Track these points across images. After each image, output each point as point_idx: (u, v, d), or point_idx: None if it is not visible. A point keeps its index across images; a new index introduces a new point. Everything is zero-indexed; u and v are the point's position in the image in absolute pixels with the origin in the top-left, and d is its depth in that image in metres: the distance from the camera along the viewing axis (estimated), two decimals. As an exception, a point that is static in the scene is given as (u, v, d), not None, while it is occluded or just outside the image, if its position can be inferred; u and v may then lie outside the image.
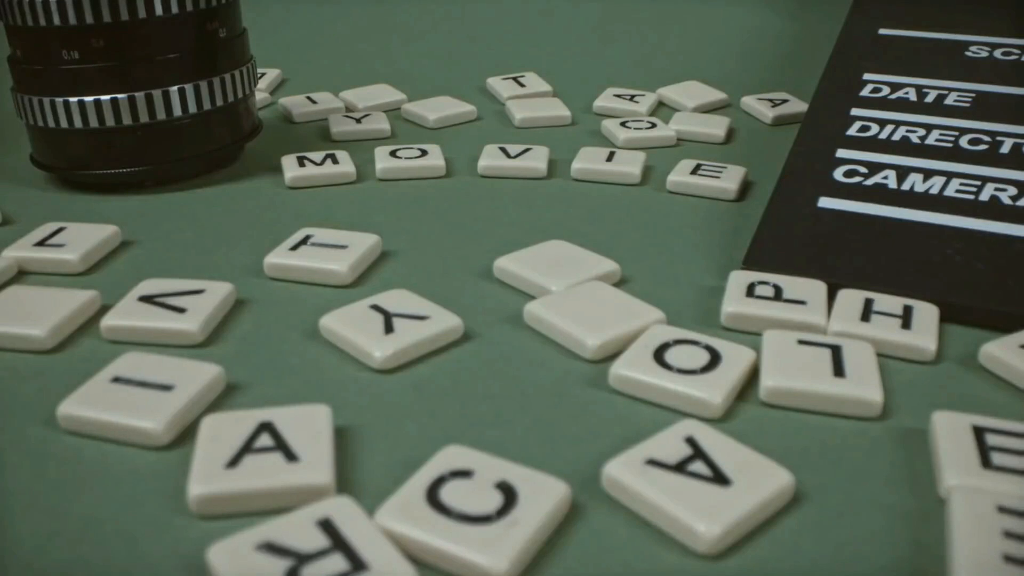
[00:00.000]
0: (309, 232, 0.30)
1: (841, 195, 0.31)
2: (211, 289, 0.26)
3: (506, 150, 0.38)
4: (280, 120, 0.44)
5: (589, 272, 0.27)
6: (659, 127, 0.41)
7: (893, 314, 0.25)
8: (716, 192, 0.35)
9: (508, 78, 0.48)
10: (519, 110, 0.44)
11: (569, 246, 0.29)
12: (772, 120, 0.44)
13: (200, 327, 0.25)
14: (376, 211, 0.34)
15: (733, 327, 0.26)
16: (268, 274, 0.28)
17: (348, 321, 0.24)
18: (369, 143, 0.41)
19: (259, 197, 0.35)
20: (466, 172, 0.38)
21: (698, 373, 0.22)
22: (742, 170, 0.36)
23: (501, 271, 0.28)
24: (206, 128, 0.36)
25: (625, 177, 0.36)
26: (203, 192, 0.36)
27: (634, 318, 0.25)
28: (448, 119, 0.44)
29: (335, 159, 0.37)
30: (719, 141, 0.41)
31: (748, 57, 0.53)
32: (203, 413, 0.22)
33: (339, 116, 0.43)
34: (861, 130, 0.34)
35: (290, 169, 0.36)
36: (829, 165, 0.32)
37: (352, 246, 0.29)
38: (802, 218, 0.30)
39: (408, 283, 0.28)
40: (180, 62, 0.35)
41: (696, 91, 0.46)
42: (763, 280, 0.27)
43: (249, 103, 0.38)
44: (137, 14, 0.33)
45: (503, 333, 0.25)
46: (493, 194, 0.35)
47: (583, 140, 0.41)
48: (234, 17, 0.37)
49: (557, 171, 0.38)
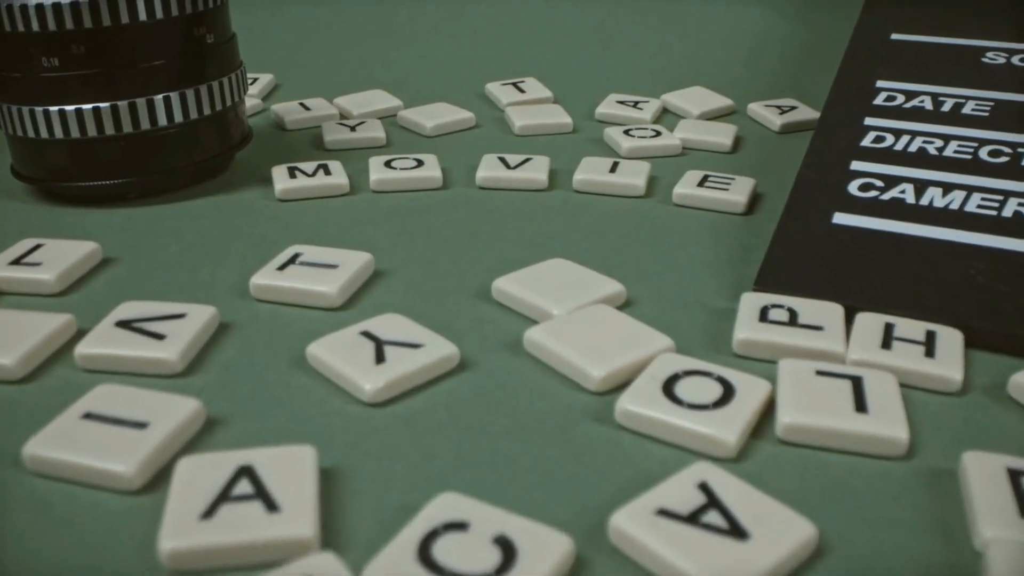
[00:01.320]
0: (298, 250, 0.28)
1: (857, 210, 0.29)
2: (193, 313, 0.25)
3: (505, 160, 0.37)
4: (272, 127, 0.43)
5: (592, 294, 0.26)
6: (664, 135, 0.40)
7: (915, 340, 0.24)
8: (724, 205, 0.34)
9: (507, 83, 0.47)
10: (519, 117, 0.42)
11: (571, 265, 0.28)
12: (780, 128, 0.42)
13: (179, 356, 0.23)
14: (369, 225, 0.32)
15: (746, 354, 0.24)
16: (254, 295, 0.27)
17: (336, 349, 0.23)
18: (364, 152, 0.40)
19: (248, 210, 0.34)
20: (463, 183, 0.36)
21: (710, 408, 0.21)
22: (751, 182, 0.35)
23: (500, 292, 0.27)
24: (193, 138, 0.35)
25: (629, 189, 0.35)
26: (190, 205, 0.34)
27: (641, 346, 0.23)
28: (445, 127, 0.42)
29: (327, 170, 0.36)
30: (726, 150, 0.40)
31: (754, 61, 0.52)
32: (180, 452, 0.20)
33: (333, 124, 0.41)
34: (876, 141, 0.33)
35: (280, 181, 0.35)
36: (843, 178, 0.31)
37: (343, 266, 0.27)
38: (816, 235, 0.29)
39: (401, 305, 0.27)
40: (165, 69, 0.33)
41: (701, 97, 0.45)
42: (776, 303, 0.25)
43: (239, 111, 0.37)
44: (120, 19, 0.32)
45: (501, 361, 0.24)
46: (492, 207, 0.34)
47: (585, 149, 0.40)
48: (222, 22, 0.35)
49: (558, 182, 0.36)
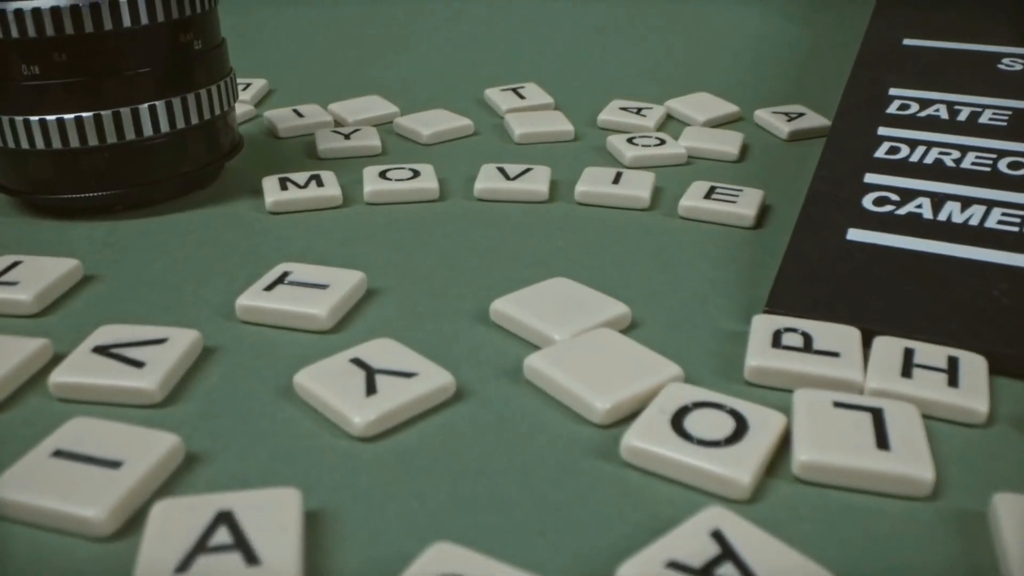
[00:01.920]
0: (287, 268, 0.27)
1: (872, 226, 0.28)
2: (174, 338, 0.24)
3: (504, 171, 0.35)
4: (265, 135, 0.42)
5: (596, 317, 0.25)
6: (668, 144, 0.39)
7: (937, 368, 0.23)
8: (732, 218, 0.32)
9: (507, 89, 0.46)
10: (518, 125, 0.41)
11: (573, 285, 0.26)
12: (788, 136, 0.41)
13: (159, 385, 0.22)
14: (362, 240, 0.31)
15: (758, 382, 0.23)
16: (240, 317, 0.26)
17: (325, 379, 0.22)
18: (358, 161, 0.38)
19: (237, 223, 0.32)
20: (461, 195, 0.35)
21: (722, 445, 0.20)
22: (759, 193, 0.34)
23: (498, 315, 0.25)
24: (181, 148, 0.33)
25: (633, 201, 0.34)
26: (177, 218, 0.33)
27: (648, 374, 0.22)
28: (443, 134, 0.41)
29: (320, 181, 0.34)
30: (732, 159, 0.38)
31: (759, 66, 0.50)
32: (156, 493, 0.19)
33: (327, 132, 0.40)
34: (890, 152, 0.32)
35: (271, 193, 0.34)
36: (857, 191, 0.30)
37: (333, 286, 0.26)
38: (830, 253, 0.27)
39: (395, 328, 0.25)
40: (151, 77, 0.32)
41: (706, 103, 0.44)
42: (790, 326, 0.24)
43: (228, 119, 0.36)
44: (103, 25, 0.30)
45: (500, 390, 0.23)
46: (490, 220, 0.33)
47: (587, 158, 0.38)
48: (211, 27, 0.34)
49: (560, 193, 0.35)
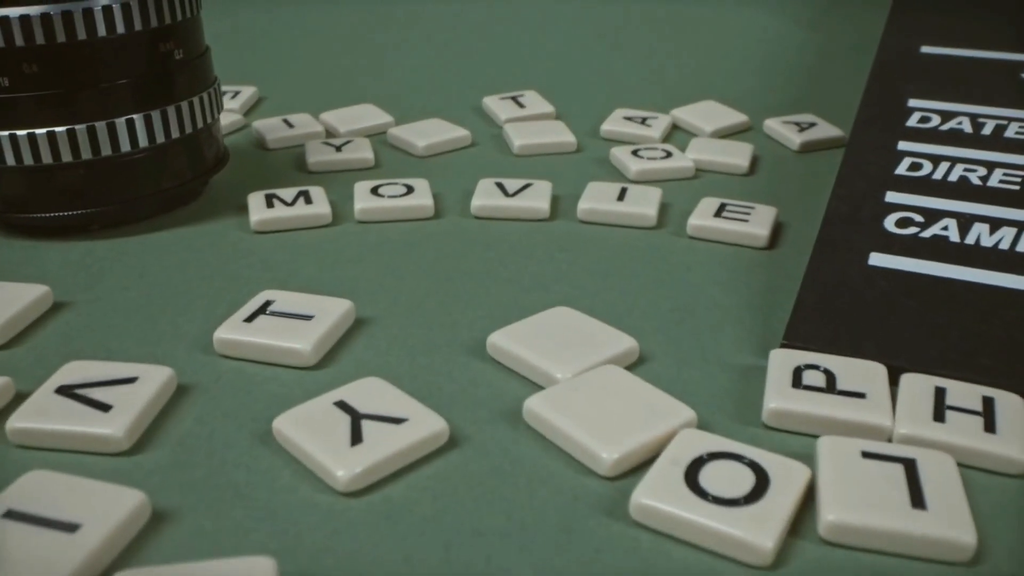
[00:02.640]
0: (270, 296, 0.25)
1: (895, 250, 0.26)
2: (146, 377, 0.22)
3: (503, 186, 0.34)
4: (253, 146, 0.40)
5: (602, 352, 0.23)
6: (675, 156, 0.37)
7: (971, 410, 0.21)
8: (744, 238, 0.31)
9: (506, 97, 0.44)
10: (518, 135, 0.39)
11: (577, 316, 0.25)
12: (799, 147, 0.39)
13: (126, 432, 0.20)
14: (352, 262, 0.29)
15: (778, 426, 0.21)
16: (218, 351, 0.24)
17: (306, 425, 0.20)
18: (350, 174, 0.37)
19: (220, 244, 0.31)
20: (458, 212, 0.33)
21: (742, 504, 0.18)
22: (772, 211, 0.32)
23: (496, 349, 0.24)
24: (162, 163, 0.32)
25: (639, 219, 0.32)
26: (156, 238, 0.31)
27: (659, 419, 0.20)
28: (439, 145, 0.39)
29: (308, 198, 0.33)
30: (742, 172, 0.37)
31: (767, 72, 0.49)
32: (118, 560, 0.17)
33: (317, 143, 0.38)
34: (912, 168, 0.30)
35: (257, 211, 0.32)
36: (878, 212, 0.28)
37: (319, 317, 0.24)
38: (851, 279, 0.26)
39: (384, 363, 0.24)
40: (128, 89, 0.30)
41: (713, 112, 0.42)
42: (811, 363, 0.22)
43: (213, 131, 0.34)
44: (76, 34, 0.29)
45: (498, 436, 0.21)
46: (488, 240, 0.31)
47: (589, 171, 0.37)
48: (193, 35, 0.32)
49: (561, 210, 0.33)
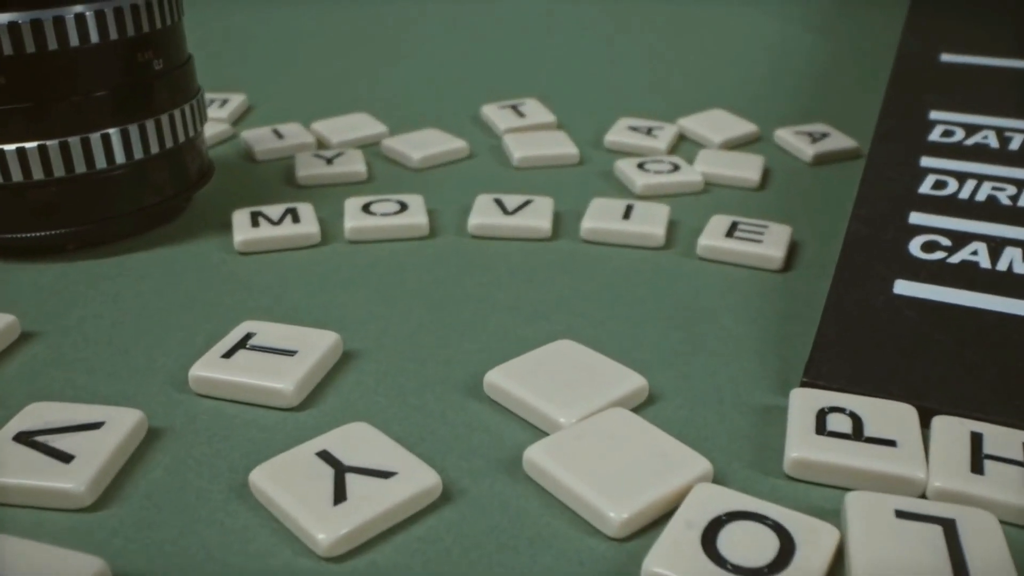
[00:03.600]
0: (251, 328, 0.24)
1: (922, 277, 0.25)
2: (114, 421, 0.20)
3: (502, 203, 0.32)
4: (241, 158, 0.38)
5: (609, 393, 0.21)
6: (683, 170, 0.35)
7: (1012, 460, 0.19)
8: (758, 260, 0.29)
9: (506, 106, 0.42)
10: (518, 147, 0.37)
11: (580, 350, 0.23)
12: (812, 159, 0.37)
13: (88, 486, 0.18)
14: (341, 287, 0.27)
15: (802, 477, 0.19)
16: (194, 389, 0.22)
17: (286, 480, 0.18)
18: (341, 189, 0.35)
19: (202, 266, 0.29)
20: (454, 230, 0.31)
21: (765, 574, 0.16)
22: (787, 231, 0.30)
23: (494, 389, 0.22)
24: (141, 180, 0.30)
25: (646, 239, 0.30)
26: (135, 259, 0.29)
27: (672, 473, 0.18)
28: (435, 158, 0.37)
29: (296, 216, 0.31)
30: (753, 186, 0.35)
31: (777, 79, 0.47)
32: (71, 638, 0.16)
33: (307, 156, 0.37)
34: (936, 186, 0.28)
35: (241, 230, 0.30)
36: (902, 235, 0.26)
37: (303, 352, 0.22)
38: (876, 310, 0.24)
39: (372, 403, 0.22)
40: (103, 102, 0.28)
41: (722, 122, 0.40)
42: (835, 405, 0.21)
43: (196, 144, 0.32)
44: (47, 44, 0.27)
45: (496, 489, 0.19)
46: (486, 262, 0.29)
47: (593, 185, 0.35)
48: (174, 44, 0.30)
49: (564, 228, 0.31)
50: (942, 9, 0.41)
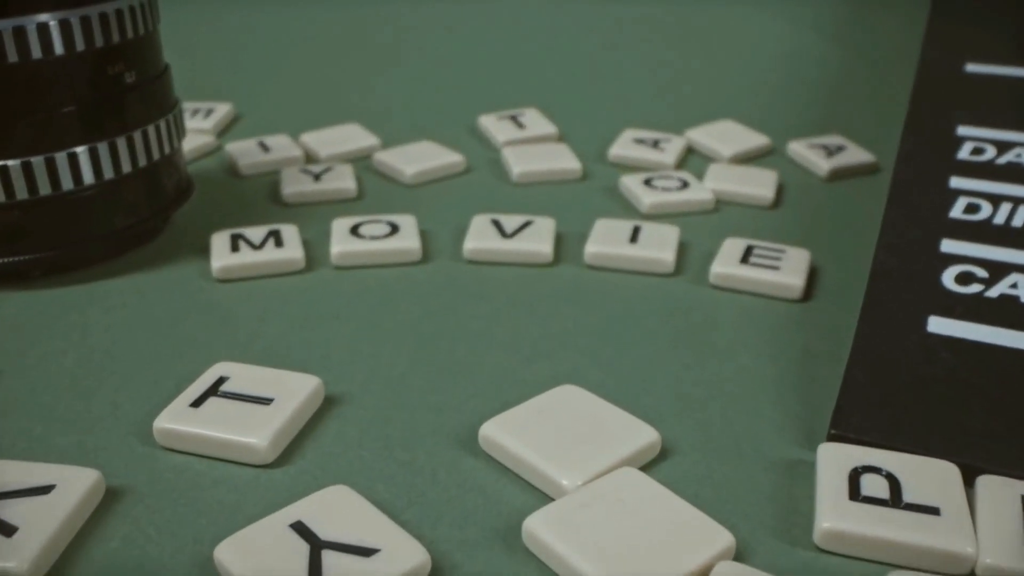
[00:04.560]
0: (224, 371, 0.21)
1: (958, 313, 0.23)
2: (67, 483, 0.18)
3: (500, 225, 0.30)
4: (225, 173, 0.36)
5: (618, 450, 0.19)
6: (692, 187, 0.33)
7: (1070, 529, 0.17)
8: (775, 289, 0.27)
9: (504, 116, 0.40)
10: (517, 161, 0.35)
11: (586, 397, 0.21)
12: (828, 174, 0.35)
13: (31, 565, 0.16)
14: (325, 320, 0.25)
15: (834, 550, 0.17)
16: (159, 442, 0.20)
17: (255, 559, 0.16)
18: (329, 207, 0.33)
19: (178, 294, 0.27)
20: (448, 254, 0.29)
21: None
22: (805, 256, 0.28)
23: (490, 444, 0.20)
24: (113, 201, 0.28)
25: (655, 265, 0.28)
26: (105, 287, 0.27)
27: (691, 550, 0.16)
28: (429, 172, 0.35)
29: (279, 239, 0.29)
30: (767, 204, 0.33)
31: (789, 88, 0.45)
32: None
33: (294, 171, 0.34)
34: (968, 210, 0.26)
35: (220, 255, 0.28)
36: (934, 265, 0.24)
37: (280, 400, 0.20)
38: (908, 351, 0.22)
39: (356, 458, 0.20)
40: (70, 118, 0.26)
41: (732, 134, 0.38)
42: (869, 464, 0.19)
43: (174, 161, 0.30)
44: (6, 56, 0.25)
45: (492, 565, 0.17)
46: (482, 291, 0.27)
47: (597, 203, 0.33)
48: (148, 54, 0.28)
49: (566, 252, 0.29)
50: (964, 14, 0.39)
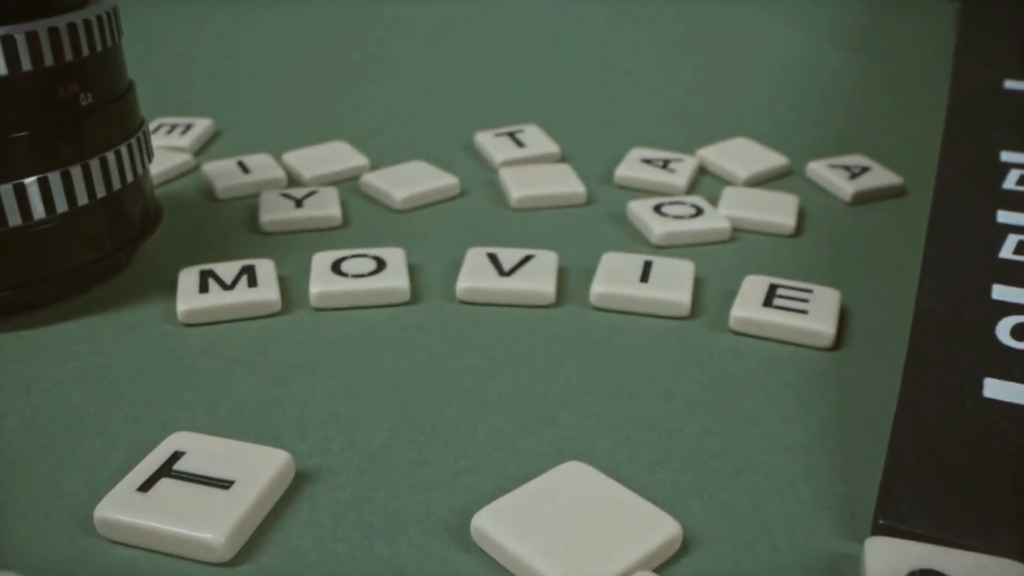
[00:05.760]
0: (181, 444, 0.19)
1: (1018, 375, 0.20)
2: (-17, 592, 0.15)
3: (497, 260, 0.27)
4: (202, 196, 0.33)
5: (633, 547, 0.16)
6: (707, 214, 0.30)
7: None
8: (804, 336, 0.24)
9: (503, 133, 0.37)
10: (516, 184, 0.32)
11: (594, 478, 0.18)
12: (852, 198, 0.32)
13: None
14: (300, 375, 0.23)
15: None
16: (101, 533, 0.17)
17: None
18: (311, 236, 0.30)
19: (137, 342, 0.24)
20: (440, 293, 0.27)
21: None
22: (835, 296, 0.25)
23: (483, 538, 0.17)
24: (68, 236, 0.25)
25: (669, 308, 0.25)
26: (60, 331, 0.25)
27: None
28: (421, 197, 0.32)
29: (253, 278, 0.26)
30: (788, 233, 0.30)
31: (806, 103, 0.42)
32: None
33: (274, 195, 0.32)
34: (1020, 250, 0.23)
35: (187, 296, 0.25)
36: (987, 315, 0.21)
37: (242, 482, 0.18)
38: (963, 422, 0.19)
39: (328, 552, 0.17)
40: (17, 146, 0.23)
41: (747, 153, 0.35)
42: (928, 568, 0.16)
43: (141, 187, 0.27)
44: (-56, 79, 0.22)
45: None
46: (476, 338, 0.24)
47: (603, 231, 0.30)
48: (107, 73, 0.26)
49: (570, 290, 0.27)
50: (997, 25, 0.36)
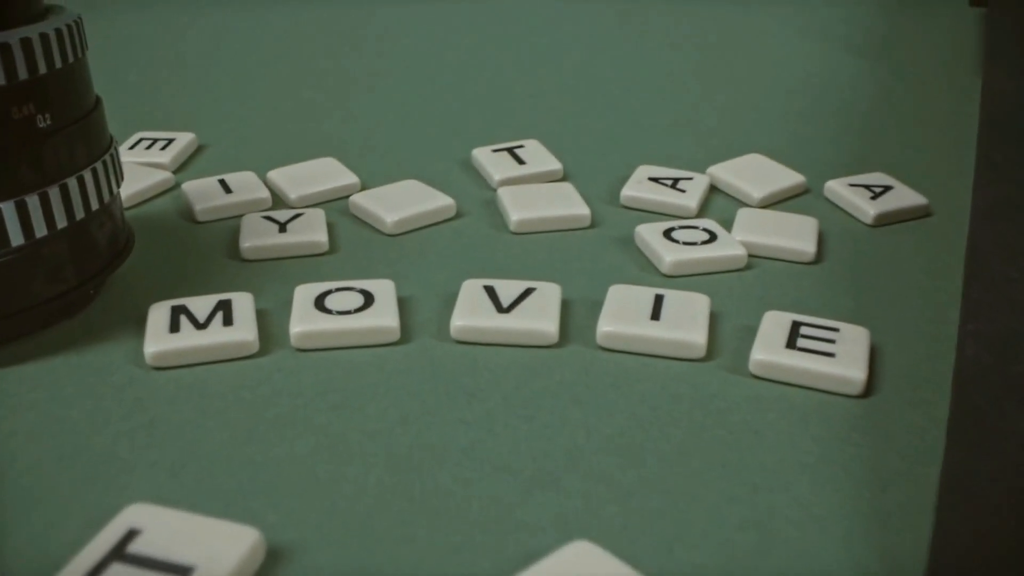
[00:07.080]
0: (136, 521, 0.17)
1: (1077, 437, 0.18)
2: None
3: (495, 294, 0.25)
4: (180, 216, 0.31)
5: (649, 652, 0.14)
6: (720, 240, 0.28)
7: None
8: (832, 383, 0.22)
9: (501, 149, 0.35)
10: (516, 207, 0.30)
11: (606, 563, 0.16)
12: (874, 219, 0.30)
13: None
14: (276, 430, 0.21)
15: None
16: (42, 629, 0.15)
17: None
18: (295, 263, 0.28)
19: (99, 389, 0.22)
20: (432, 330, 0.24)
21: None
22: (865, 336, 0.23)
23: (479, 638, 0.15)
24: (23, 271, 0.23)
25: (683, 349, 0.23)
26: (11, 377, 0.23)
27: None
28: (414, 220, 0.30)
29: (228, 315, 0.24)
30: (808, 260, 0.28)
31: (821, 116, 0.40)
32: None
33: (256, 218, 0.30)
34: (1071, 289, 0.21)
35: (156, 336, 0.23)
36: (1037, 365, 0.19)
37: (201, 570, 0.15)
38: (1019, 490, 0.17)
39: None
40: (-32, 175, 0.21)
41: (761, 171, 0.33)
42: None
43: (109, 213, 0.25)
44: None
45: None
46: (471, 384, 0.22)
47: (609, 259, 0.28)
48: (69, 91, 0.23)
49: (575, 327, 0.24)
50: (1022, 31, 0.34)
